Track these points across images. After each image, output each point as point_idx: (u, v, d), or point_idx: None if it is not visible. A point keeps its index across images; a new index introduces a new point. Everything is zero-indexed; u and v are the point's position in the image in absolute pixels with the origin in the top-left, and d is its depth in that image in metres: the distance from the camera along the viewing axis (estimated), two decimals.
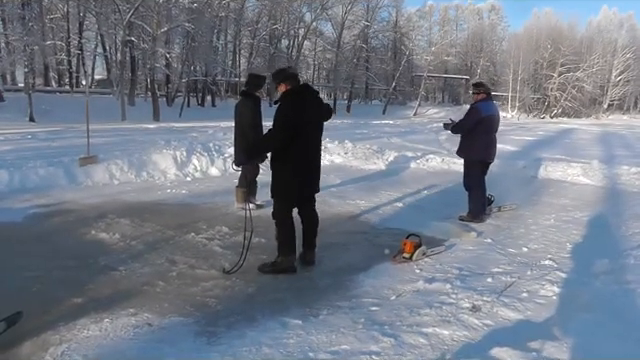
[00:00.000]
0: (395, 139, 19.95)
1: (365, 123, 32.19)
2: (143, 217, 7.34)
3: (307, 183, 5.45)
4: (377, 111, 55.34)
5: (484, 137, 7.50)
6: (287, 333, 3.94)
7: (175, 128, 21.93)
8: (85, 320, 4.12)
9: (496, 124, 7.68)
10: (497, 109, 7.91)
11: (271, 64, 49.09)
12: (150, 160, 10.80)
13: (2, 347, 3.68)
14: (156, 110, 30.55)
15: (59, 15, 41.16)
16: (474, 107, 7.53)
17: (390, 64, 61.26)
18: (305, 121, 5.15)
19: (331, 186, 10.10)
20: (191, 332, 3.97)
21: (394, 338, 3.84)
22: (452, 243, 6.35)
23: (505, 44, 76.40)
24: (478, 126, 7.45)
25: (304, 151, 5.29)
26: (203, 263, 5.50)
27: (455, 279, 5.08)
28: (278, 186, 5.35)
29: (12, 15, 28.80)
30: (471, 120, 7.49)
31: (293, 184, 5.33)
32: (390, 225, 7.24)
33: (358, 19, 57.42)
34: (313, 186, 5.55)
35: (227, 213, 7.78)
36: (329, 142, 14.58)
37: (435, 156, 13.45)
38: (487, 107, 7.55)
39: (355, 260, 5.72)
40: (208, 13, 36.14)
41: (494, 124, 7.63)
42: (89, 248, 5.91)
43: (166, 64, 35.56)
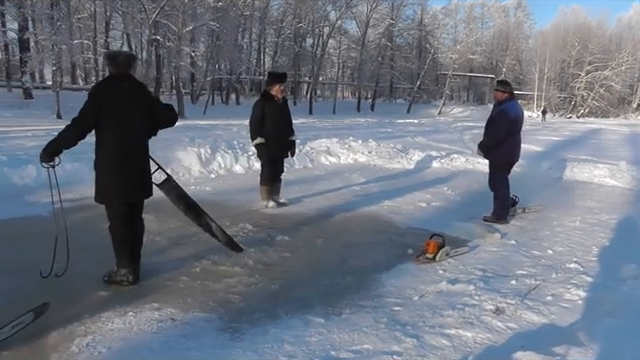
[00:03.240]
0: (419, 138, 19.88)
1: (389, 122, 32.13)
2: (167, 213, 7.36)
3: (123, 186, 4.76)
4: (401, 110, 55.17)
5: (510, 139, 7.39)
6: (309, 331, 3.94)
7: (199, 126, 22.10)
8: (110, 313, 4.17)
9: (520, 124, 7.59)
10: (521, 108, 7.82)
11: (295, 62, 49.28)
12: (174, 157, 10.89)
13: (30, 337, 3.75)
14: (181, 108, 30.79)
15: (86, 15, 41.76)
16: (501, 110, 7.38)
17: (415, 62, 61.05)
18: (114, 115, 4.61)
19: (355, 185, 10.11)
20: (214, 328, 4.00)
21: (416, 339, 3.82)
22: (476, 244, 6.30)
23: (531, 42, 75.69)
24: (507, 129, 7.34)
25: (118, 146, 4.66)
26: (226, 260, 5.52)
27: (478, 280, 5.03)
28: (96, 188, 4.80)
29: (41, 15, 29.27)
30: (503, 126, 7.32)
31: (110, 186, 4.74)
32: (413, 225, 7.20)
33: (383, 17, 57.31)
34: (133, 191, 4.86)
35: (251, 210, 7.80)
36: (353, 141, 14.57)
37: (459, 156, 13.36)
38: (513, 108, 7.45)
39: (378, 260, 5.70)
40: (233, 12, 36.35)
41: (519, 124, 7.54)
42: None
43: (191, 62, 35.84)
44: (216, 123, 23.72)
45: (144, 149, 4.94)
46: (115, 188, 4.73)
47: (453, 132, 24.14)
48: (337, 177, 10.96)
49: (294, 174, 10.74)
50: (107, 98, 4.64)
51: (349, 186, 9.99)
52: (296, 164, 11.88)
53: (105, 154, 4.67)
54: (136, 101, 4.78)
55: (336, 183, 10.24)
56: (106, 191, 4.75)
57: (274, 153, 7.98)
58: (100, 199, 4.81)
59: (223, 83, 44.83)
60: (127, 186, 4.77)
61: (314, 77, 51.98)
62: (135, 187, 4.84)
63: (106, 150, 4.66)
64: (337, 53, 57.53)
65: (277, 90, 7.85)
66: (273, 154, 7.97)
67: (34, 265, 4.72)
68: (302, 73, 54.83)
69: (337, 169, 12.18)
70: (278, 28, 49.10)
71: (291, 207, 8.03)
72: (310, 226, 7.02)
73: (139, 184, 4.87)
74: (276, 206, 7.96)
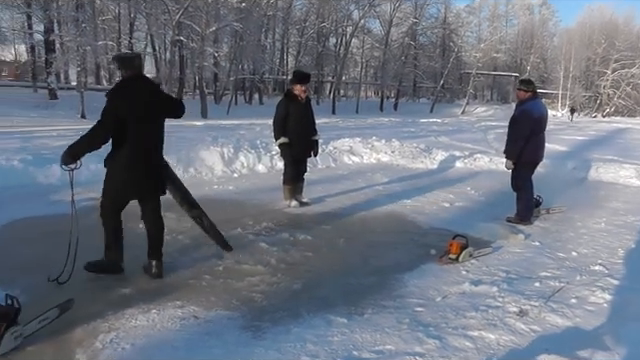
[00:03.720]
0: (442, 138, 19.76)
1: (412, 121, 31.96)
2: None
3: (141, 179, 4.96)
4: (425, 109, 54.89)
5: (534, 138, 7.31)
6: (332, 331, 3.94)
7: (223, 125, 22.21)
8: (133, 310, 4.23)
9: (544, 123, 7.51)
10: (545, 107, 7.75)
11: (318, 62, 49.31)
12: (198, 156, 10.96)
13: (55, 332, 3.82)
14: (204, 108, 30.97)
15: (111, 16, 42.25)
16: (524, 109, 7.30)
17: (438, 61, 60.70)
18: (135, 115, 4.74)
19: (377, 185, 10.10)
20: (237, 326, 4.02)
21: (439, 340, 3.81)
22: (499, 245, 6.25)
23: (556, 40, 74.77)
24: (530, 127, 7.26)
25: (138, 145, 4.83)
26: (249, 258, 5.54)
27: (502, 282, 5.00)
28: (105, 183, 4.95)
29: (66, 17, 29.73)
30: (525, 125, 7.24)
31: (120, 183, 4.92)
32: (436, 225, 7.17)
33: (406, 16, 57.09)
34: (149, 183, 5.06)
35: (274, 209, 7.83)
36: (376, 140, 14.55)
37: (483, 155, 13.26)
38: (536, 107, 7.39)
39: (401, 260, 5.68)
40: (256, 12, 36.48)
41: (543, 124, 7.46)
42: (136, 241, 6.03)
43: (214, 63, 36.04)
44: (239, 123, 23.80)
45: (161, 147, 5.14)
46: (130, 187, 4.93)
47: (476, 132, 23.95)
48: (360, 177, 10.95)
49: (317, 174, 10.75)
50: (129, 101, 4.73)
51: (372, 186, 9.98)
52: (319, 164, 11.89)
53: (127, 155, 4.78)
54: (155, 102, 4.91)
55: (359, 183, 10.24)
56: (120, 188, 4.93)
57: (297, 152, 8.00)
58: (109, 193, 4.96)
59: (246, 83, 45.02)
60: (144, 183, 4.99)
61: (337, 77, 51.94)
62: (150, 185, 5.07)
63: (128, 151, 4.77)
64: (360, 52, 57.46)
65: (299, 90, 7.87)
66: (296, 153, 8.00)
67: (58, 262, 4.79)
68: (325, 73, 54.84)
69: (360, 169, 12.18)
70: (301, 28, 49.16)
71: (314, 206, 8.04)
72: (332, 226, 7.03)
73: (155, 182, 5.09)
74: (299, 205, 7.98)
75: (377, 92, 64.30)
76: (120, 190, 4.96)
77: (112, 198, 4.98)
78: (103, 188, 4.96)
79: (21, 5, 31.06)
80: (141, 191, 5.07)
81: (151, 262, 5.11)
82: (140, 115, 4.78)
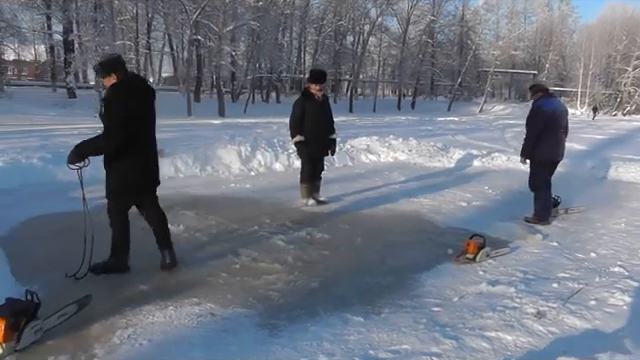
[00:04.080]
0: (460, 136, 19.67)
1: (430, 120, 31.84)
2: (207, 210, 7.50)
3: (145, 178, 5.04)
4: (442, 108, 54.67)
5: (550, 135, 7.26)
6: (348, 329, 3.95)
7: (240, 124, 22.28)
8: (150, 307, 4.27)
9: (560, 120, 7.40)
10: (561, 104, 7.67)
11: (336, 60, 49.26)
12: (215, 155, 11.03)
13: (74, 327, 3.88)
14: (221, 106, 31.10)
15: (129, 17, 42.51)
16: (535, 105, 7.35)
17: (456, 59, 60.36)
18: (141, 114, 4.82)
19: (395, 183, 10.10)
20: (253, 324, 4.04)
21: (456, 340, 3.80)
22: (517, 245, 6.21)
23: (576, 37, 73.90)
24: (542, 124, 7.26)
25: (141, 145, 4.91)
26: (266, 256, 5.57)
27: (519, 283, 4.96)
28: (115, 183, 4.91)
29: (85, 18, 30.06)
30: (539, 120, 7.25)
31: (130, 181, 4.93)
32: (453, 225, 7.15)
33: (424, 14, 56.86)
34: (151, 181, 5.14)
35: (291, 208, 7.86)
36: (393, 139, 14.53)
37: (500, 154, 13.19)
38: (549, 103, 7.38)
39: (418, 259, 5.67)
40: (273, 11, 36.55)
41: (557, 120, 7.36)
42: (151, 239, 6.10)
43: (231, 61, 36.14)
44: (256, 121, 23.87)
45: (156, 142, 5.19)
46: (137, 185, 4.96)
47: (494, 130, 23.80)
48: (377, 175, 10.95)
49: (334, 172, 10.77)
50: (137, 100, 4.79)
51: (389, 184, 9.97)
52: (336, 162, 11.90)
53: (131, 154, 4.81)
54: (151, 100, 4.98)
55: (376, 181, 10.24)
56: (128, 187, 4.93)
57: (314, 151, 8.02)
58: (116, 194, 4.95)
59: (263, 82, 45.07)
60: (148, 181, 5.08)
61: (354, 75, 51.90)
62: (153, 180, 5.15)
63: (132, 150, 4.80)
64: (378, 51, 57.34)
65: (315, 89, 7.89)
66: (312, 152, 8.02)
67: (76, 259, 4.86)
68: (342, 71, 54.79)
69: (377, 167, 12.18)
70: (319, 26, 49.14)
71: (331, 205, 8.05)
72: (350, 224, 7.03)
73: (154, 176, 5.16)
74: (316, 204, 8.00)
75: (394, 90, 64.12)
76: (127, 191, 4.98)
77: (118, 199, 5.00)
78: (108, 189, 4.95)
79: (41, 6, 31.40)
80: (146, 191, 5.12)
81: (163, 252, 5.19)
82: (145, 114, 4.86)
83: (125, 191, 4.96)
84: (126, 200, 5.05)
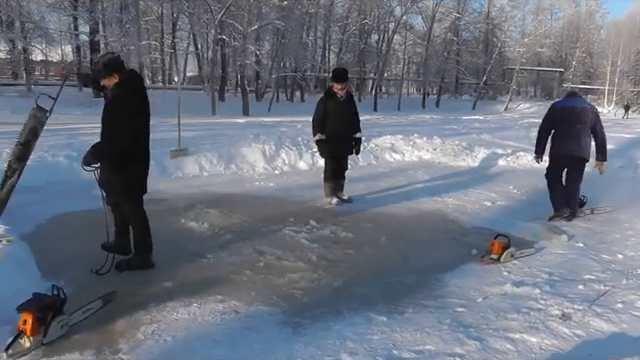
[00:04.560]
0: (485, 135, 19.48)
1: (454, 118, 31.60)
2: (231, 208, 7.57)
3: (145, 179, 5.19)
4: (467, 106, 54.22)
5: (558, 129, 7.38)
6: (372, 329, 3.96)
7: (264, 123, 22.34)
8: (175, 303, 4.33)
9: (575, 115, 7.31)
10: (580, 101, 7.57)
11: (361, 59, 49.16)
12: (239, 153, 11.10)
13: (99, 322, 3.96)
14: (245, 105, 31.22)
15: (154, 17, 42.95)
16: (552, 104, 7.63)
17: (481, 57, 59.76)
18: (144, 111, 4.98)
19: (419, 183, 10.06)
20: (277, 321, 4.08)
21: (479, 341, 3.78)
22: (542, 246, 6.14)
23: (603, 33, 72.58)
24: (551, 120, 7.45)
25: (145, 143, 5.09)
26: (290, 255, 5.61)
27: (544, 284, 4.91)
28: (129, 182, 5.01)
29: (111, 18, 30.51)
30: (545, 118, 7.60)
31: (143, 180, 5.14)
32: (478, 224, 7.11)
33: (449, 11, 56.35)
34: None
35: (315, 206, 7.89)
36: (418, 137, 14.47)
37: (526, 154, 12.98)
38: (563, 101, 7.56)
39: (442, 259, 5.66)
40: (298, 10, 36.55)
41: (570, 115, 7.31)
42: (179, 236, 6.17)
43: (256, 61, 36.25)
44: (280, 120, 23.92)
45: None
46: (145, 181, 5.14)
47: (519, 129, 23.49)
48: (401, 174, 10.93)
49: (358, 171, 10.77)
50: (140, 98, 4.92)
51: (413, 184, 9.94)
52: (360, 161, 11.90)
53: (138, 151, 4.97)
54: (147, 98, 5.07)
55: (400, 180, 10.22)
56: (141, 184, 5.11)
57: (335, 150, 8.03)
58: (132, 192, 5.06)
59: (288, 81, 45.13)
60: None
61: (379, 73, 51.76)
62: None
63: (139, 148, 4.97)
64: (402, 49, 57.06)
65: (337, 88, 7.91)
66: (335, 151, 8.03)
67: (102, 255, 4.95)
68: (367, 70, 54.66)
69: (401, 166, 12.14)
70: (343, 25, 49.02)
71: (355, 204, 8.06)
72: (374, 223, 7.04)
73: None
74: (340, 203, 8.02)
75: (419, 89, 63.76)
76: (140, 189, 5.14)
77: (136, 196, 5.12)
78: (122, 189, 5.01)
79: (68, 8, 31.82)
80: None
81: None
82: (147, 111, 5.02)
83: (139, 188, 5.12)
84: (140, 197, 5.18)
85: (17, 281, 4.34)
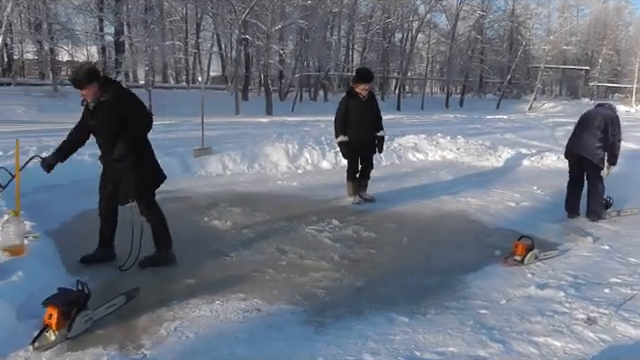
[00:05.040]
0: (509, 135, 19.31)
1: (478, 118, 31.33)
2: (254, 207, 7.62)
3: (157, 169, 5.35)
4: (491, 105, 53.68)
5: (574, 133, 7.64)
6: (394, 329, 3.95)
7: (287, 122, 22.40)
8: (197, 300, 4.38)
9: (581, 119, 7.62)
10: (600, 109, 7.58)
11: (384, 58, 48.98)
12: (262, 152, 11.16)
13: (122, 318, 4.03)
14: (269, 105, 31.33)
15: (178, 17, 43.26)
16: None
17: (505, 55, 59.09)
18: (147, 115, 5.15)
19: (442, 182, 10.03)
20: (299, 320, 4.09)
21: (503, 344, 3.75)
22: (566, 248, 6.06)
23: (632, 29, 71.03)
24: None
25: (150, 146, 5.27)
26: (313, 254, 5.63)
27: (569, 287, 4.84)
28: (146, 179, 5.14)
29: (136, 19, 30.83)
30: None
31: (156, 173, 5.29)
32: (501, 225, 7.06)
33: (473, 9, 55.77)
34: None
35: (337, 206, 7.91)
36: (441, 137, 14.41)
37: (551, 154, 12.86)
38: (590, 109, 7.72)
39: (464, 260, 5.63)
40: (321, 9, 36.55)
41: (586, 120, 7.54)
42: (202, 234, 6.24)
43: (280, 60, 36.34)
44: (304, 119, 23.95)
45: None
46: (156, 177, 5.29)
47: (544, 128, 23.24)
48: (424, 174, 10.90)
49: (381, 170, 10.75)
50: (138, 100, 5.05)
51: (436, 183, 9.91)
52: (383, 160, 11.88)
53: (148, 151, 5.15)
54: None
55: (423, 180, 10.19)
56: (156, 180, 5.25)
57: (359, 149, 8.03)
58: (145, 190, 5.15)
59: (311, 80, 45.13)
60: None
61: (403, 72, 51.51)
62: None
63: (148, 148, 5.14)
64: (426, 48, 56.69)
65: (361, 88, 7.90)
66: (359, 150, 8.03)
67: (126, 251, 5.01)
68: (391, 69, 54.43)
69: (424, 166, 12.10)
70: (367, 24, 48.81)
71: (378, 204, 8.06)
72: (396, 223, 7.03)
73: None
74: (362, 202, 8.02)
75: (443, 88, 63.32)
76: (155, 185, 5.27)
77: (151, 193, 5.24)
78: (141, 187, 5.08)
79: (94, 9, 32.29)
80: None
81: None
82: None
83: (154, 184, 5.24)
84: (154, 193, 5.29)
85: (43, 276, 4.43)
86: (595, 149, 7.24)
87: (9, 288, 4.00)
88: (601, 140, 7.21)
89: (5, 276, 4.13)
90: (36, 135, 13.67)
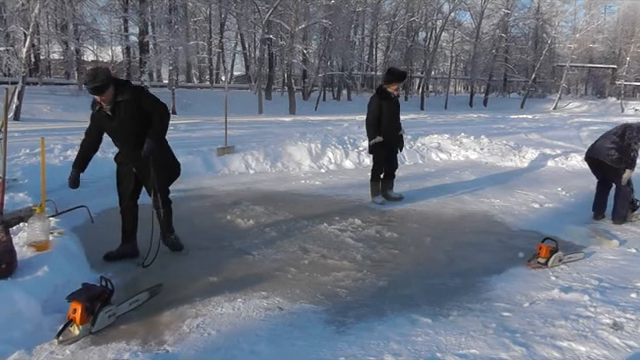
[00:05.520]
0: (533, 135, 19.10)
1: (502, 117, 31.06)
2: (277, 206, 7.65)
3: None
4: (515, 105, 53.15)
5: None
6: (416, 331, 3.94)
7: (310, 121, 22.44)
8: (219, 298, 4.43)
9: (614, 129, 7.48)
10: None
11: (408, 57, 48.78)
12: (285, 151, 11.20)
13: (145, 314, 4.10)
14: (292, 104, 31.41)
15: (202, 17, 43.48)
16: None
17: (530, 54, 58.41)
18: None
19: (465, 183, 9.96)
20: (321, 320, 4.11)
21: (526, 348, 3.71)
22: (591, 251, 5.98)
23: None
24: None
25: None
26: (335, 254, 5.65)
27: (594, 290, 4.76)
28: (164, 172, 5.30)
29: (160, 20, 31.08)
30: None
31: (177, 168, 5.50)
32: (525, 227, 6.99)
33: (497, 7, 55.26)
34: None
35: (360, 205, 7.91)
36: (464, 137, 14.32)
37: (576, 154, 12.68)
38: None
39: (488, 261, 5.60)
40: (345, 9, 36.51)
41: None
42: (224, 232, 6.28)
43: (303, 60, 36.42)
44: (327, 119, 23.99)
45: None
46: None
47: (569, 128, 22.92)
48: (447, 174, 10.85)
49: (404, 170, 10.72)
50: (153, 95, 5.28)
51: (460, 184, 9.85)
52: (406, 160, 11.85)
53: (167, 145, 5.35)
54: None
55: (446, 180, 10.15)
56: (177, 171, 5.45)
57: (390, 149, 8.03)
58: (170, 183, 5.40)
59: (335, 79, 45.16)
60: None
61: (426, 72, 51.25)
62: None
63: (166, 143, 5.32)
64: (450, 47, 56.29)
65: (393, 88, 7.88)
66: (391, 150, 8.04)
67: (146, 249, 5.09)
68: (414, 68, 54.19)
69: (447, 166, 12.05)
70: (390, 23, 48.62)
71: (400, 204, 8.05)
72: (419, 224, 7.03)
73: None
74: (386, 202, 8.01)
75: (466, 87, 62.89)
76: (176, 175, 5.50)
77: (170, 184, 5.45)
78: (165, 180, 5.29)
79: (119, 10, 32.65)
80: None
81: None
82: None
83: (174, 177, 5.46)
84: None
85: (67, 272, 4.51)
86: (606, 150, 7.17)
87: (34, 282, 4.07)
88: (615, 143, 7.14)
89: (31, 271, 4.21)
90: (61, 133, 13.89)
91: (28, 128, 14.83)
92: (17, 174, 7.79)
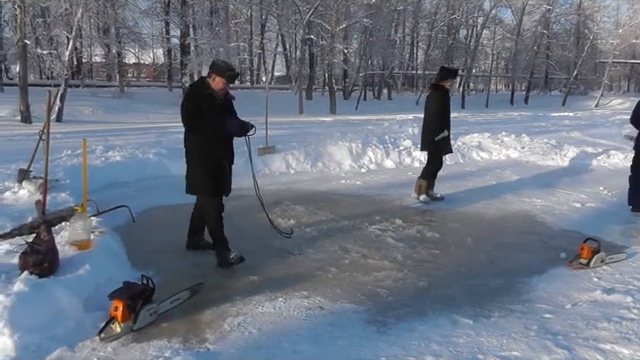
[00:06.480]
0: (575, 133, 18.70)
1: (543, 115, 30.52)
2: (318, 205, 7.72)
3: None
4: (556, 102, 52.07)
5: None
6: (457, 332, 3.95)
7: (351, 121, 22.41)
8: (260, 297, 4.50)
9: None
10: None
11: (449, 55, 48.34)
12: (326, 151, 11.27)
13: (186, 312, 4.19)
14: (333, 104, 31.41)
15: (243, 19, 43.88)
16: None
17: (572, 50, 57.11)
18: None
19: (506, 182, 9.89)
20: (361, 320, 4.15)
21: (568, 351, 3.68)
22: (634, 251, 5.88)
23: None
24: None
25: None
26: (375, 253, 5.69)
27: (637, 292, 4.69)
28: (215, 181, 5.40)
29: (201, 22, 31.48)
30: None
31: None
32: (567, 227, 6.92)
33: (539, 3, 54.22)
34: None
35: (401, 205, 7.94)
36: (505, 136, 14.17)
37: (618, 152, 12.40)
38: None
39: (529, 262, 5.57)
40: (386, 7, 36.35)
41: None
42: (265, 231, 6.33)
43: (344, 59, 36.41)
44: (367, 118, 23.93)
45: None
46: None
47: (611, 126, 22.32)
48: (488, 173, 10.78)
49: (445, 170, 10.59)
50: None
51: (501, 183, 9.78)
52: (447, 160, 11.79)
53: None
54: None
55: (487, 180, 10.09)
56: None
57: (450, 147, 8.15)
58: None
59: (375, 79, 45.03)
60: None
61: (467, 70, 50.58)
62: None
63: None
64: (491, 44, 55.54)
65: (449, 85, 8.01)
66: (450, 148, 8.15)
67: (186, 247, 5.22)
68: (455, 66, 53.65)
69: (488, 165, 11.96)
70: (431, 21, 48.27)
71: (441, 203, 8.06)
72: (460, 223, 7.03)
73: None
74: (429, 201, 8.01)
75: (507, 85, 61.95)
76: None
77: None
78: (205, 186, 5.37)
79: (160, 13, 33.18)
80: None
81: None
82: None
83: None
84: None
85: (109, 270, 4.64)
86: None
87: (76, 280, 4.17)
88: None
89: (73, 269, 4.30)
90: (102, 134, 14.22)
91: (70, 129, 15.19)
92: (59, 174, 7.95)
